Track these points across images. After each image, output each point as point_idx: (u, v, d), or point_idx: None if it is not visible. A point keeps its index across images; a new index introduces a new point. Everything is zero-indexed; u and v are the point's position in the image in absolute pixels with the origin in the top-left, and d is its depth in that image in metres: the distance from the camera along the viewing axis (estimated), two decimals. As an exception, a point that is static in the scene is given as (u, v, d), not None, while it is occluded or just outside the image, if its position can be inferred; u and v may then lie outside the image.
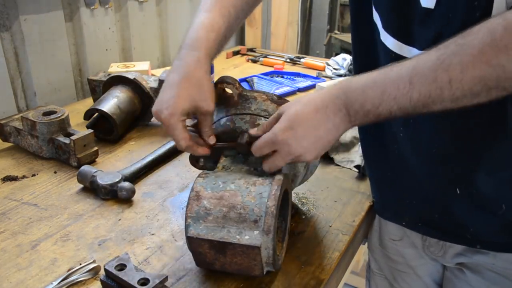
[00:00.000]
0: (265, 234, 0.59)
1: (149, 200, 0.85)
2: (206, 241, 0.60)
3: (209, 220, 0.60)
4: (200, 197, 0.62)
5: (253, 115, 0.72)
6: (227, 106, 0.73)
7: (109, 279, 0.61)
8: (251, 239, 0.58)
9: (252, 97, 0.73)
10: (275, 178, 0.63)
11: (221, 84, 0.72)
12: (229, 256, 0.60)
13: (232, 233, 0.59)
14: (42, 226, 0.76)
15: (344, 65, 1.62)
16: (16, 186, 0.88)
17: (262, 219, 0.59)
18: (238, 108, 0.72)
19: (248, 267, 0.61)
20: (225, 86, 0.73)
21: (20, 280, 0.64)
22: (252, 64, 1.80)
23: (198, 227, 0.60)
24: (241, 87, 0.73)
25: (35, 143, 0.97)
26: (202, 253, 0.61)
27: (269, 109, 0.72)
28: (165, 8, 1.66)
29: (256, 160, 0.68)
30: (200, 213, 0.61)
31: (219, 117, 0.74)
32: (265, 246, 0.59)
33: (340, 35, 2.52)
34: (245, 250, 0.59)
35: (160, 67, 1.69)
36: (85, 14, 1.35)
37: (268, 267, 0.62)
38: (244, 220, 0.60)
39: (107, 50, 1.46)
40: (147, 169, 0.94)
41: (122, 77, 1.12)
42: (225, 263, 0.61)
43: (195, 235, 0.60)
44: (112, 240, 0.73)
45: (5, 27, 1.17)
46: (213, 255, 0.61)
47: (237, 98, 0.73)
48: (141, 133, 1.14)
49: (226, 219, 0.60)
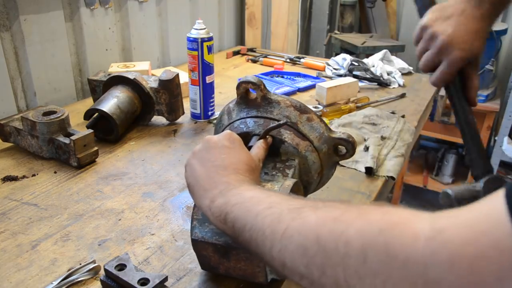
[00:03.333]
0: None
1: (149, 200, 0.85)
2: (210, 245, 0.59)
3: None
4: None
5: (270, 119, 0.70)
6: (249, 108, 0.72)
7: (109, 279, 0.61)
8: None
9: (276, 101, 0.70)
10: (284, 184, 0.61)
11: (246, 84, 0.70)
12: (233, 261, 0.59)
13: None
14: (42, 226, 0.76)
15: (344, 65, 1.62)
16: (16, 186, 0.88)
17: None
18: (260, 111, 0.70)
19: (252, 273, 0.60)
20: (250, 87, 0.71)
21: (20, 280, 0.64)
22: (252, 64, 1.80)
23: (203, 230, 0.60)
24: (266, 90, 0.71)
25: (35, 143, 0.97)
26: (206, 256, 0.61)
27: (291, 115, 0.69)
28: (165, 8, 1.66)
29: (266, 164, 0.67)
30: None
31: (239, 117, 0.72)
32: None
33: (340, 35, 2.52)
34: (249, 256, 0.58)
35: (160, 67, 1.69)
36: (85, 14, 1.35)
37: (273, 275, 0.61)
38: None
39: (107, 50, 1.46)
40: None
41: (122, 77, 1.12)
42: (229, 268, 0.61)
43: (200, 238, 0.59)
44: (112, 240, 0.73)
45: (5, 27, 1.17)
46: (217, 259, 0.60)
47: (260, 100, 0.70)
48: (141, 133, 1.14)
49: None
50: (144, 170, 0.96)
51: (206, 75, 1.17)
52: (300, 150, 0.68)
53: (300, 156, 0.69)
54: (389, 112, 1.28)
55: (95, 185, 0.89)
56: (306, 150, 0.69)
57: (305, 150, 0.69)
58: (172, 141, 1.10)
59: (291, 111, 0.70)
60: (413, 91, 1.49)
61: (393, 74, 1.58)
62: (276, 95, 0.72)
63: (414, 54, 0.87)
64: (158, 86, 1.13)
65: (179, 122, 1.21)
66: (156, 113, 1.17)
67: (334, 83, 1.33)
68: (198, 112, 1.21)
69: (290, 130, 0.69)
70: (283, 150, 0.69)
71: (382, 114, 1.21)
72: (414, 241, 0.33)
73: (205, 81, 1.18)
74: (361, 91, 1.45)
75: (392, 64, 1.67)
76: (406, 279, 0.32)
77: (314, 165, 0.70)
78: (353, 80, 1.36)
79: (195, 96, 1.19)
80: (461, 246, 0.31)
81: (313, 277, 0.38)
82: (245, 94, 0.72)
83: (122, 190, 0.88)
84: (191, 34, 1.14)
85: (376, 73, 1.55)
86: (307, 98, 1.43)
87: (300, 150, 0.68)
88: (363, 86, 1.50)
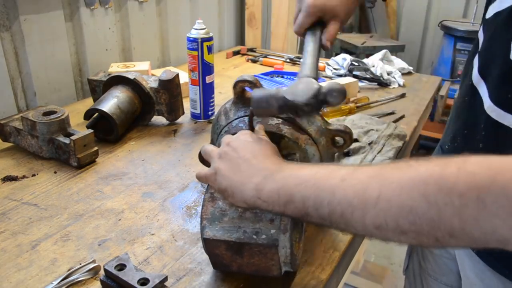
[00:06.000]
0: (282, 233, 0.58)
1: (149, 200, 0.85)
2: (222, 242, 0.59)
3: (224, 221, 0.60)
4: (215, 198, 0.62)
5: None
6: (246, 106, 0.73)
7: (109, 279, 0.61)
8: (268, 239, 0.58)
9: None
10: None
11: (242, 83, 0.71)
12: (246, 256, 0.60)
13: (249, 233, 0.59)
14: (42, 226, 0.76)
15: (344, 65, 1.62)
16: (16, 186, 0.88)
17: (278, 218, 0.59)
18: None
19: (266, 267, 0.60)
20: (246, 85, 0.72)
21: (20, 280, 0.64)
22: (252, 64, 1.80)
23: (214, 228, 0.60)
24: (262, 87, 0.72)
25: (35, 143, 0.97)
26: (219, 255, 0.61)
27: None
28: (165, 8, 1.66)
29: None
30: (216, 214, 0.60)
31: (237, 116, 0.73)
32: (283, 245, 0.59)
33: (340, 35, 2.52)
34: (262, 250, 0.58)
35: (160, 67, 1.69)
36: (85, 14, 1.35)
37: (286, 267, 0.61)
38: (260, 220, 0.59)
39: (107, 50, 1.46)
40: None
41: (122, 77, 1.12)
42: (242, 264, 0.61)
43: (212, 236, 0.59)
44: (112, 240, 0.73)
45: (5, 27, 1.17)
46: (230, 256, 0.60)
47: None
48: (141, 133, 1.14)
49: (241, 219, 0.60)
50: (144, 170, 0.96)
51: (206, 75, 1.17)
52: (300, 143, 0.70)
53: (300, 150, 0.70)
54: (384, 114, 1.28)
55: (95, 185, 0.89)
56: (306, 143, 0.70)
57: (304, 143, 0.70)
58: (172, 141, 1.10)
59: None
60: (413, 91, 1.49)
61: (393, 74, 1.58)
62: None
63: (414, 54, 0.87)
64: (158, 86, 1.13)
65: (179, 122, 1.21)
66: (156, 113, 1.17)
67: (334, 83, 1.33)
68: (198, 112, 1.21)
69: (288, 125, 0.70)
70: (283, 144, 0.70)
71: (372, 121, 1.17)
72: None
73: (205, 81, 1.18)
74: (361, 91, 1.45)
75: (392, 64, 1.67)
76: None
77: (314, 158, 0.71)
78: (353, 80, 1.36)
79: (195, 96, 1.19)
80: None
81: (422, 230, 0.42)
82: (241, 93, 0.73)
83: (122, 190, 0.88)
84: (191, 34, 1.14)
85: (376, 73, 1.55)
86: (307, 98, 1.43)
87: (300, 143, 0.70)
88: (363, 86, 1.50)
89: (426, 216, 0.41)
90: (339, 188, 0.47)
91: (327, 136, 0.73)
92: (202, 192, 0.87)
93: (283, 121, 0.71)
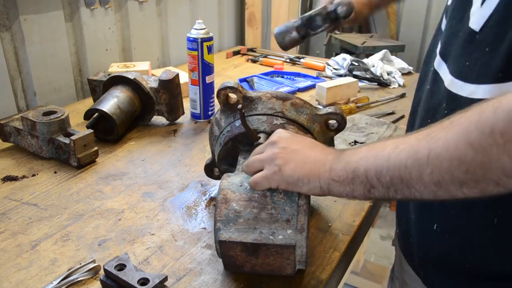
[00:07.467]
0: (299, 232, 0.58)
1: (149, 200, 0.85)
2: (238, 244, 0.58)
3: (239, 223, 0.59)
4: (228, 199, 0.61)
5: (267, 115, 0.72)
6: (234, 111, 0.73)
7: (109, 279, 0.61)
8: (285, 239, 0.58)
9: (257, 98, 0.73)
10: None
11: (224, 90, 0.72)
12: (261, 257, 0.59)
13: (265, 234, 0.58)
14: (42, 226, 0.76)
15: (344, 65, 1.62)
16: (16, 186, 0.88)
17: (294, 217, 0.59)
18: (246, 111, 0.72)
19: (280, 266, 0.60)
20: (228, 92, 0.73)
21: (20, 280, 0.64)
22: (252, 64, 1.80)
23: (229, 230, 0.59)
24: (244, 90, 0.73)
25: (35, 143, 0.97)
26: (233, 256, 0.60)
27: (275, 106, 0.72)
28: (165, 8, 1.66)
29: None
30: (230, 216, 0.60)
31: (229, 122, 0.74)
32: (299, 244, 0.59)
33: (340, 35, 2.52)
34: (279, 250, 0.58)
35: (160, 67, 1.69)
36: (85, 14, 1.35)
37: (300, 265, 0.62)
38: (276, 220, 0.59)
39: (107, 50, 1.46)
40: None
41: (122, 77, 1.12)
42: (256, 265, 0.60)
43: (227, 238, 0.58)
44: (112, 240, 0.73)
45: (5, 27, 1.17)
46: (244, 257, 0.60)
47: (242, 101, 0.72)
48: (141, 133, 1.14)
49: (257, 220, 0.59)
50: (144, 170, 0.96)
51: (206, 75, 1.17)
52: None
53: None
54: (384, 114, 1.28)
55: (95, 185, 0.89)
56: (298, 133, 0.70)
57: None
58: (172, 141, 1.10)
59: (274, 101, 0.73)
60: (413, 91, 1.48)
61: (393, 74, 1.58)
62: (256, 91, 0.74)
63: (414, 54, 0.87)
64: (158, 86, 1.14)
65: (179, 122, 1.21)
66: (156, 113, 1.17)
67: (334, 83, 1.33)
68: (198, 112, 1.21)
69: (278, 121, 0.71)
70: None
71: (372, 121, 1.17)
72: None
73: (205, 81, 1.18)
74: (361, 91, 1.45)
75: (392, 64, 1.67)
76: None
77: None
78: (353, 80, 1.36)
79: (195, 96, 1.19)
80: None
81: (477, 177, 0.44)
82: (226, 100, 0.74)
83: (122, 190, 0.88)
84: (191, 34, 1.14)
85: (376, 73, 1.55)
86: (307, 98, 1.43)
87: None
88: (363, 86, 1.50)
89: (476, 161, 0.43)
90: (394, 154, 0.51)
91: (319, 121, 0.73)
92: (202, 192, 0.88)
93: (287, 121, 0.72)
